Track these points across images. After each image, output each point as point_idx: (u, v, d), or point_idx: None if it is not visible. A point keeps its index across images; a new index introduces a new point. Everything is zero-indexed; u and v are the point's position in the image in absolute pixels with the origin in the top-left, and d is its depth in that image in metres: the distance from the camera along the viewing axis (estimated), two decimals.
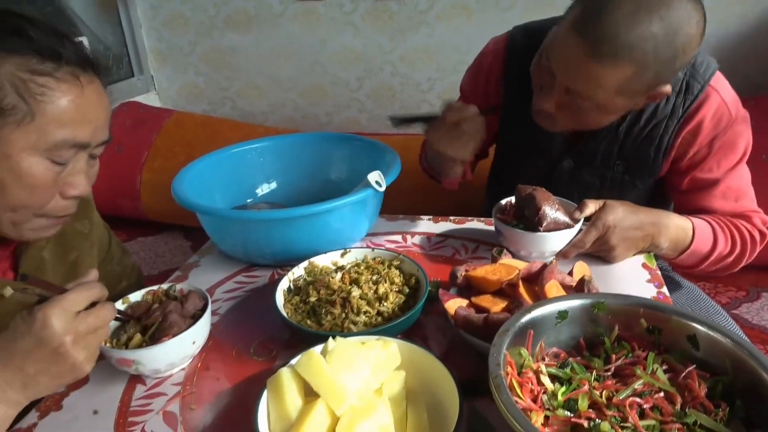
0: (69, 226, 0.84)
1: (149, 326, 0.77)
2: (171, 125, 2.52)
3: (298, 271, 0.92)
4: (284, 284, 0.88)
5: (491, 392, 0.55)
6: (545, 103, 0.95)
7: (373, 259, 0.94)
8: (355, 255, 0.96)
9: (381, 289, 0.84)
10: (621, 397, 0.59)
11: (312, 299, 0.84)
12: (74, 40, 0.70)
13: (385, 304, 0.83)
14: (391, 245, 1.10)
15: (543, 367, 0.64)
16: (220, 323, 0.90)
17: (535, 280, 0.81)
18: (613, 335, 0.69)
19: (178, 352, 0.75)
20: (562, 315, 0.69)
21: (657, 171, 1.08)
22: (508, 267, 0.84)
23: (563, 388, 0.61)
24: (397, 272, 0.89)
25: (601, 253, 0.99)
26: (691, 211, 1.07)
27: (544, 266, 0.81)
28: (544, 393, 0.61)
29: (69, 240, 0.89)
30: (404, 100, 2.62)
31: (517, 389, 0.59)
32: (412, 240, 1.12)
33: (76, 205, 0.76)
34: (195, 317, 0.79)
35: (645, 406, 0.58)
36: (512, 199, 1.04)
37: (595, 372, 0.64)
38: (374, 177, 0.98)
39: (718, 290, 2.02)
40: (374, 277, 0.87)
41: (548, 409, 0.59)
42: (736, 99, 1.02)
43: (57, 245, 0.87)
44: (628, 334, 0.69)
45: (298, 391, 0.64)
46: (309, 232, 0.98)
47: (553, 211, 0.94)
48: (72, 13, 2.49)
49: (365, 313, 0.81)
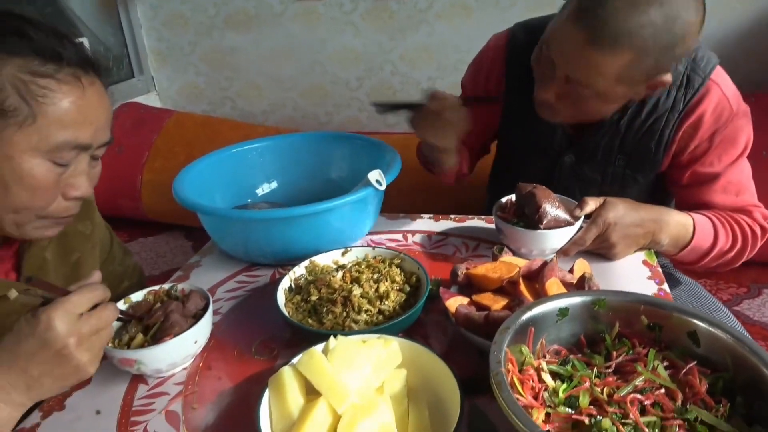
0: (71, 227, 0.84)
1: (151, 326, 0.77)
2: (171, 125, 2.52)
3: (299, 271, 0.92)
4: (285, 283, 0.89)
5: (492, 390, 0.55)
6: (546, 93, 0.96)
7: (374, 257, 0.94)
8: (355, 254, 0.96)
9: (382, 288, 0.84)
10: (622, 394, 0.59)
11: (313, 298, 0.84)
12: (75, 41, 0.70)
13: (386, 302, 0.83)
14: (392, 244, 1.11)
15: (544, 365, 0.64)
16: (222, 323, 0.90)
17: (535, 277, 0.81)
18: (614, 332, 0.69)
19: (179, 352, 0.75)
20: (563, 312, 0.69)
21: (658, 165, 1.08)
22: (508, 265, 0.84)
23: (564, 385, 0.61)
24: (398, 271, 0.90)
25: (601, 251, 0.99)
26: (692, 206, 1.07)
27: (545, 264, 0.81)
28: (545, 390, 0.61)
29: (71, 241, 0.89)
30: (405, 99, 2.62)
31: (518, 386, 0.59)
32: (412, 238, 1.13)
33: (79, 206, 0.76)
34: (196, 317, 0.79)
35: (646, 403, 0.58)
36: (513, 197, 1.04)
37: (596, 369, 0.64)
38: (375, 176, 0.99)
39: (719, 287, 2.02)
40: (375, 276, 0.88)
41: (549, 406, 0.59)
42: (736, 93, 1.02)
43: (59, 246, 0.87)
44: (629, 330, 0.69)
45: (299, 389, 0.64)
46: (310, 231, 0.98)
47: (553, 208, 0.95)
48: (72, 13, 2.49)
49: (366, 311, 0.81)
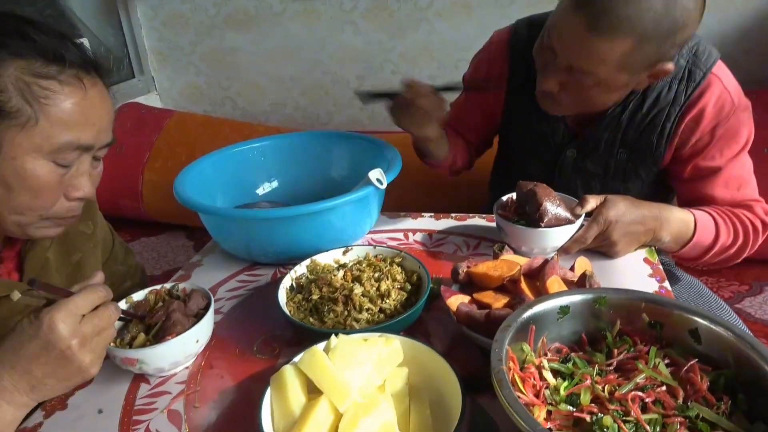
0: (73, 227, 0.85)
1: (153, 325, 0.77)
2: (172, 126, 2.53)
3: (301, 270, 0.92)
4: (287, 282, 0.89)
5: (494, 388, 0.55)
6: (548, 82, 0.96)
7: (375, 256, 0.94)
8: (357, 253, 0.96)
9: (383, 287, 0.84)
10: (623, 392, 0.59)
11: (314, 297, 0.84)
12: (77, 42, 0.70)
13: (387, 301, 0.83)
14: (393, 243, 1.11)
15: (545, 362, 0.64)
16: (223, 322, 0.90)
17: (536, 275, 0.81)
18: (615, 330, 0.69)
19: (181, 351, 0.76)
20: (564, 310, 0.69)
21: (660, 159, 1.08)
22: (509, 263, 0.84)
23: (565, 383, 0.61)
24: (399, 269, 0.90)
25: (602, 249, 0.99)
26: (693, 201, 1.07)
27: (546, 262, 0.81)
28: (547, 388, 0.61)
29: (73, 241, 0.89)
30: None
31: (520, 384, 0.59)
32: (413, 237, 1.13)
33: (82, 207, 0.76)
34: (198, 316, 0.79)
35: (647, 400, 0.58)
36: (513, 195, 1.04)
37: (597, 366, 0.64)
38: (375, 175, 0.99)
39: (721, 285, 2.02)
40: (376, 275, 0.88)
41: (551, 403, 0.59)
42: (738, 87, 1.02)
43: (61, 246, 0.87)
44: (630, 328, 0.69)
45: (301, 388, 0.64)
46: (311, 230, 0.98)
47: (554, 206, 0.94)
48: (72, 14, 2.49)
49: (367, 310, 0.81)
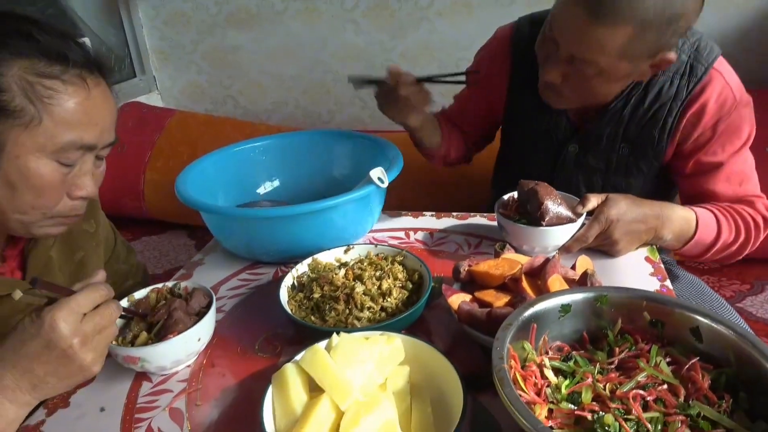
0: (76, 226, 0.85)
1: (155, 324, 0.77)
2: (173, 125, 2.53)
3: (302, 268, 0.92)
4: (288, 281, 0.89)
5: (495, 386, 0.55)
6: (550, 73, 0.97)
7: (377, 255, 0.94)
8: (358, 251, 0.96)
9: (384, 285, 0.84)
10: (624, 390, 0.59)
11: (316, 296, 0.84)
12: (80, 42, 0.70)
13: (388, 299, 0.83)
14: (394, 241, 1.11)
15: (546, 361, 0.64)
16: (225, 320, 0.90)
17: (537, 274, 0.81)
18: (617, 328, 0.69)
19: (183, 349, 0.76)
20: (565, 309, 0.69)
21: (661, 154, 1.08)
22: (510, 262, 0.84)
23: (567, 381, 0.61)
24: (400, 268, 0.90)
25: (604, 247, 0.99)
26: (695, 196, 1.07)
27: (547, 260, 0.81)
28: (548, 386, 0.61)
29: (75, 239, 0.90)
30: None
31: (521, 383, 0.59)
32: (415, 236, 1.13)
33: (85, 206, 0.77)
34: (200, 315, 0.79)
35: (648, 399, 0.58)
36: (515, 194, 1.04)
37: (598, 365, 0.64)
38: (377, 173, 0.99)
39: (722, 284, 2.02)
40: (377, 273, 0.88)
41: (552, 402, 0.59)
42: (739, 83, 1.03)
43: (64, 245, 0.87)
44: (632, 327, 0.69)
45: (302, 386, 0.64)
46: (312, 229, 0.98)
47: (555, 205, 0.95)
48: (73, 13, 2.49)
49: (369, 308, 0.81)
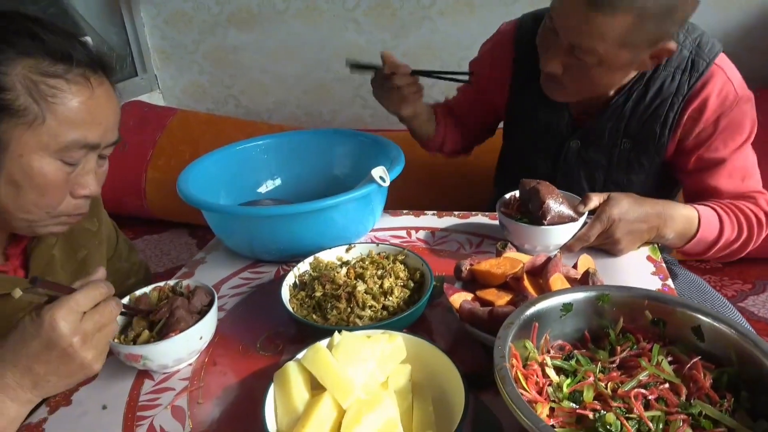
0: (78, 225, 0.85)
1: (157, 322, 0.77)
2: (175, 124, 2.53)
3: (304, 267, 0.92)
4: (290, 280, 0.89)
5: (497, 384, 0.55)
6: (551, 63, 0.97)
7: (378, 254, 0.94)
8: (359, 250, 0.96)
9: (386, 284, 0.84)
10: (626, 389, 0.59)
11: (317, 294, 0.84)
12: (84, 41, 0.70)
13: (390, 298, 0.83)
14: (396, 240, 1.11)
15: (548, 360, 0.64)
16: (227, 319, 0.90)
17: (539, 273, 0.81)
18: (618, 327, 0.69)
19: (185, 348, 0.76)
20: (567, 307, 0.69)
21: (663, 149, 1.08)
22: (512, 261, 0.84)
23: (568, 380, 0.61)
24: (401, 267, 0.90)
25: (605, 246, 0.99)
26: (698, 193, 1.07)
27: (549, 259, 0.81)
28: (550, 385, 0.61)
29: (78, 238, 0.90)
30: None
31: (523, 381, 0.59)
32: (416, 235, 1.13)
33: (89, 205, 0.77)
34: (202, 313, 0.80)
35: (650, 397, 0.58)
36: (516, 193, 1.04)
37: (600, 364, 0.64)
38: (378, 172, 0.99)
39: (724, 283, 2.02)
40: (379, 272, 0.88)
41: (553, 400, 0.59)
42: (741, 79, 1.03)
43: (66, 243, 0.88)
44: (633, 326, 0.69)
45: (304, 384, 0.64)
46: (314, 227, 0.98)
47: (557, 204, 0.94)
48: (75, 12, 2.50)
49: (370, 307, 0.81)
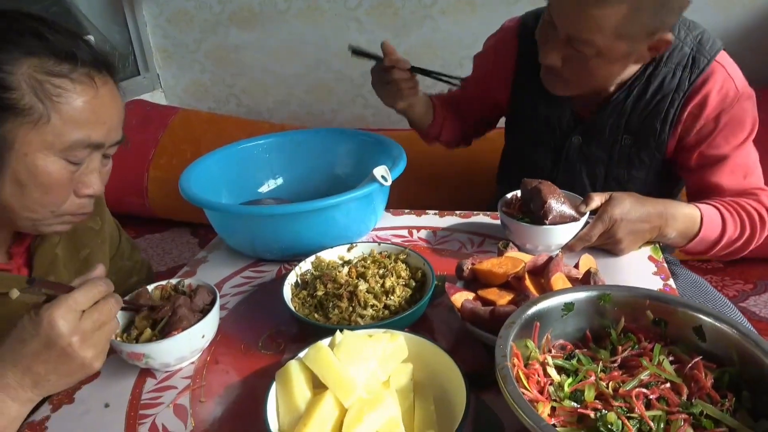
0: (81, 224, 0.85)
1: (159, 320, 0.77)
2: (177, 123, 2.53)
3: (305, 266, 0.93)
4: (291, 279, 0.89)
5: (498, 384, 0.55)
6: (549, 55, 0.98)
7: (380, 253, 0.94)
8: (361, 249, 0.96)
9: (388, 283, 0.85)
10: (627, 388, 0.59)
11: (319, 293, 0.84)
12: (88, 41, 0.71)
13: (391, 297, 0.83)
14: (398, 239, 1.11)
15: (549, 359, 0.64)
16: (229, 318, 0.90)
17: (541, 272, 0.81)
18: (620, 327, 0.69)
19: (187, 346, 0.76)
20: (568, 307, 0.69)
21: (663, 145, 1.09)
22: (514, 260, 0.84)
23: (570, 380, 0.61)
24: (403, 266, 0.90)
25: (607, 246, 0.99)
26: (700, 190, 1.08)
27: (550, 259, 0.81)
28: (551, 384, 0.61)
29: (81, 237, 0.90)
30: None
31: (524, 381, 0.59)
32: (418, 234, 1.13)
33: (92, 204, 0.77)
34: (204, 312, 0.80)
35: (651, 397, 0.58)
36: (518, 192, 1.04)
37: (601, 363, 0.64)
38: (380, 172, 0.99)
39: (725, 283, 2.02)
40: (381, 271, 0.88)
41: (555, 400, 0.59)
42: (742, 76, 1.03)
43: (69, 242, 0.88)
44: (635, 325, 0.69)
45: (306, 383, 0.64)
46: (315, 226, 0.98)
47: (558, 204, 0.95)
48: (77, 11, 2.50)
49: (372, 306, 0.82)
